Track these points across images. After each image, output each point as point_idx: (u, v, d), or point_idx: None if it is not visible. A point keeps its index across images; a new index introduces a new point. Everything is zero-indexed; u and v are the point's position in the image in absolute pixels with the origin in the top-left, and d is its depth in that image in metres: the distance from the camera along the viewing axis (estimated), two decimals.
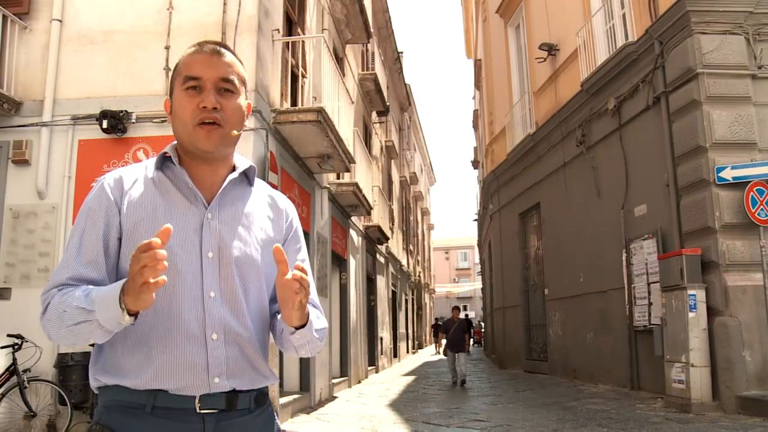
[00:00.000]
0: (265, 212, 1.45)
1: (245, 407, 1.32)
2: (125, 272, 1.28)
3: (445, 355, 13.05)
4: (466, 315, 41.32)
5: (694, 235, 7.66)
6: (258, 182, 1.49)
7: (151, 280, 1.10)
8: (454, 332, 12.22)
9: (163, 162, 1.38)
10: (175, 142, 1.40)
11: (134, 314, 1.16)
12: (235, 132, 1.36)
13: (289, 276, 1.22)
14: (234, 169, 1.43)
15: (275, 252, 1.24)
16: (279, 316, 1.39)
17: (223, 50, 1.37)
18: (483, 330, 30.80)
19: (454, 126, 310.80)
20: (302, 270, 1.23)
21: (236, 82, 1.37)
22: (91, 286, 1.24)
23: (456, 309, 13.12)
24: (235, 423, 1.30)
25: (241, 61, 1.43)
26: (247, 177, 1.45)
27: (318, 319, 1.42)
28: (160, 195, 1.33)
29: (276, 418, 1.46)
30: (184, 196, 1.35)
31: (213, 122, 1.32)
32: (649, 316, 8.56)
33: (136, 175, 1.37)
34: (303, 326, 1.31)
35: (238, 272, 1.34)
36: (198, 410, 1.26)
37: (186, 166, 1.37)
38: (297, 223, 1.53)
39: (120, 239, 1.30)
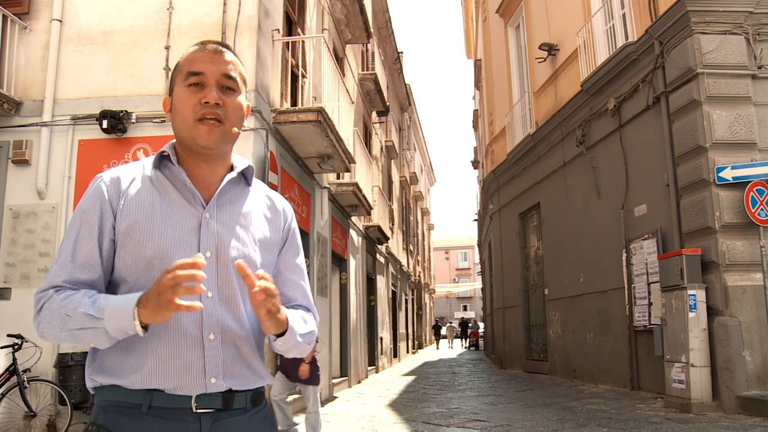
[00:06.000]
0: (263, 212, 1.44)
1: (241, 407, 1.33)
2: (121, 273, 1.29)
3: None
4: (462, 318, 39.65)
5: (694, 235, 7.66)
6: (256, 182, 1.49)
7: (178, 301, 1.11)
8: None
9: (161, 161, 1.38)
10: (174, 141, 1.40)
11: (146, 326, 1.18)
12: (235, 129, 1.37)
13: (256, 288, 1.20)
14: (232, 168, 1.43)
15: (237, 268, 1.20)
16: None
17: (224, 49, 1.39)
18: (482, 331, 30.73)
19: (454, 126, 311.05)
20: (264, 278, 1.21)
21: (238, 80, 1.38)
22: (94, 292, 1.25)
23: None
24: (231, 422, 1.30)
25: (242, 62, 1.45)
26: (245, 177, 1.45)
27: (305, 324, 1.41)
28: (157, 194, 1.33)
29: (273, 417, 1.45)
30: (182, 195, 1.34)
31: (215, 118, 1.32)
32: (649, 316, 8.55)
33: (133, 174, 1.36)
34: (284, 333, 1.31)
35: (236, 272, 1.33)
36: (194, 410, 1.26)
37: (184, 164, 1.37)
38: (295, 225, 1.52)
39: (114, 240, 1.30)
